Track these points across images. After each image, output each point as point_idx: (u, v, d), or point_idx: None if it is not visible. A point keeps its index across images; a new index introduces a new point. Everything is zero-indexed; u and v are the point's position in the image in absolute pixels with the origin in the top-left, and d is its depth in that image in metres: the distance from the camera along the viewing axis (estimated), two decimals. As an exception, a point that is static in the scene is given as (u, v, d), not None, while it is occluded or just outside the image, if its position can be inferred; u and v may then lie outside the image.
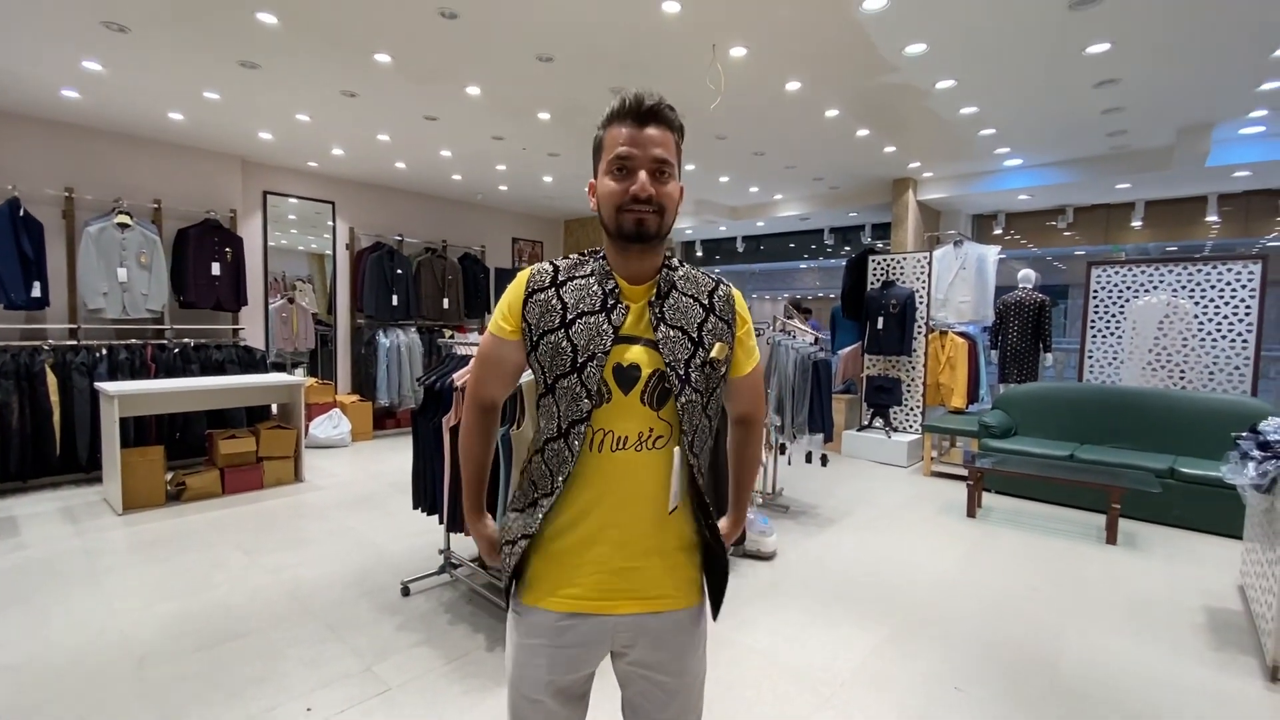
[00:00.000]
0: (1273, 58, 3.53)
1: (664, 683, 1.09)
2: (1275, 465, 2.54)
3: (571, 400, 1.00)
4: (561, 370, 1.01)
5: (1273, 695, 2.31)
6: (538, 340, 1.03)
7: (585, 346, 1.00)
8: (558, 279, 1.06)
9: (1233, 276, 5.17)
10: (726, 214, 8.46)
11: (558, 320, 1.02)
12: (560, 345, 1.01)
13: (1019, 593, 3.14)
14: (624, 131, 0.98)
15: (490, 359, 1.11)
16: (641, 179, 0.97)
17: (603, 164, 1.01)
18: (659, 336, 1.02)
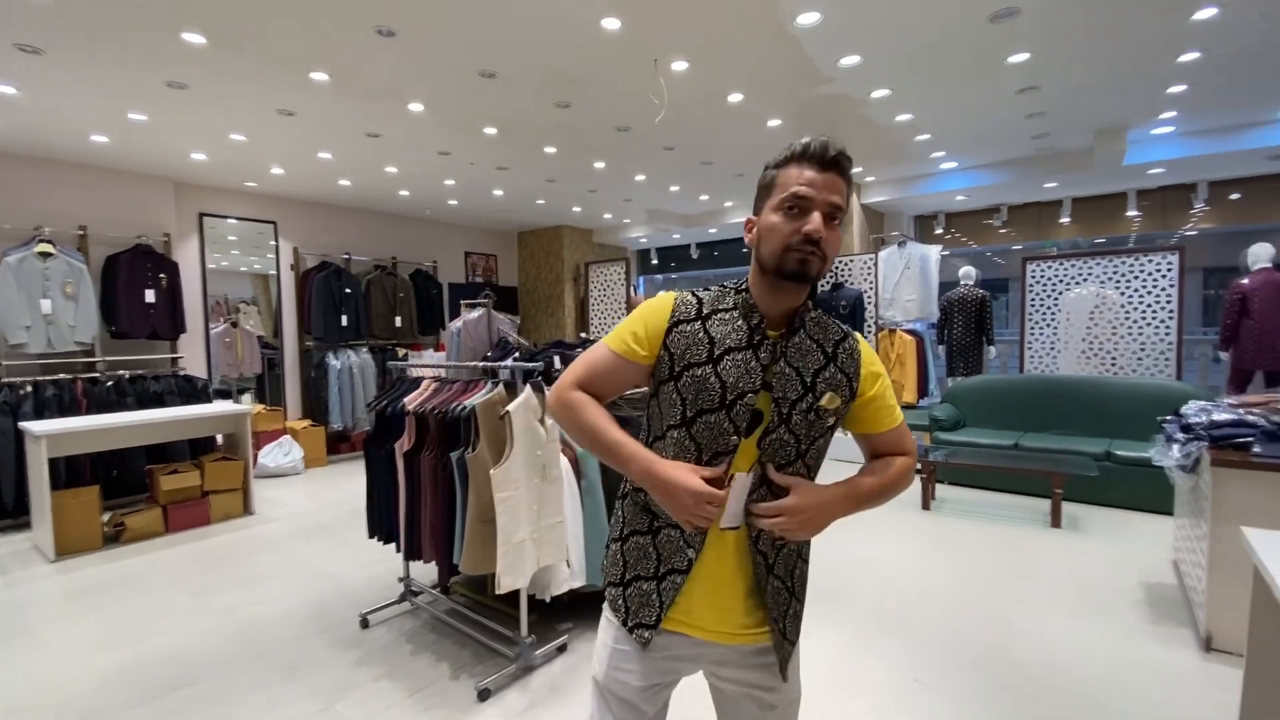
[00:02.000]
0: (1178, 63, 3.77)
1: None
2: (1197, 446, 2.70)
3: (717, 435, 1.01)
4: (709, 405, 1.01)
5: (1207, 664, 2.45)
6: (680, 371, 1.03)
7: (734, 384, 1.01)
8: (703, 311, 1.06)
9: (1154, 267, 5.50)
10: (679, 222, 8.55)
11: (705, 355, 1.02)
12: (708, 380, 1.01)
13: (973, 582, 3.26)
14: (805, 173, 0.98)
15: (607, 373, 1.09)
16: (816, 220, 0.97)
17: (773, 200, 1.01)
18: (775, 371, 1.02)
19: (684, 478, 0.97)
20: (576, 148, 5.25)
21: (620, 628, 1.10)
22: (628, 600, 1.10)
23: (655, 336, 1.06)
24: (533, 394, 2.31)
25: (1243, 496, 2.45)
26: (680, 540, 1.05)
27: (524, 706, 2.25)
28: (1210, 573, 2.52)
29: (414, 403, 2.58)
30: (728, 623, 1.07)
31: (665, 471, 0.99)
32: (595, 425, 1.06)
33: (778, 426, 1.02)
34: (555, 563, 2.42)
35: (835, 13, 3.10)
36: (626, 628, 1.09)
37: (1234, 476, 2.47)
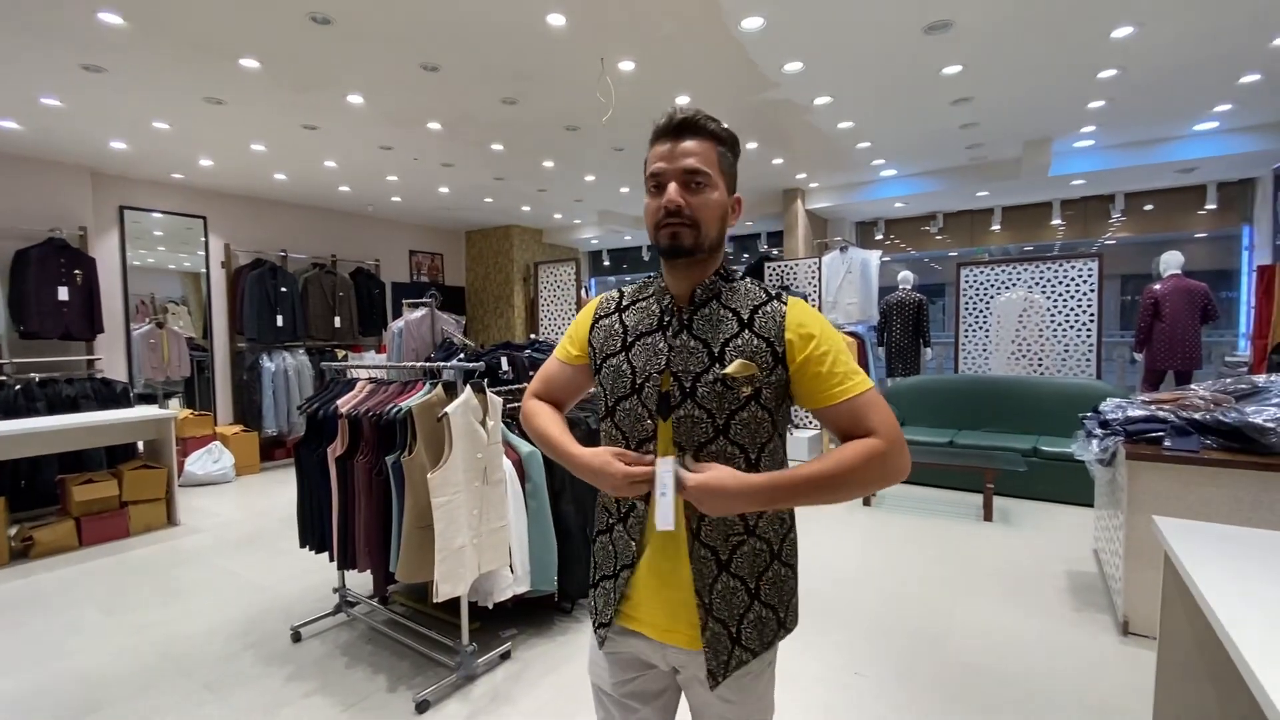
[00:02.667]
0: (1098, 79, 4.00)
1: None
2: (1114, 441, 2.86)
3: (635, 421, 1.01)
4: (622, 393, 1.02)
5: (1125, 647, 2.59)
6: (601, 364, 1.07)
7: (642, 367, 1.01)
8: (622, 304, 1.10)
9: (1076, 273, 5.82)
10: (630, 224, 8.55)
11: (619, 344, 1.05)
12: (621, 368, 1.03)
13: (911, 575, 3.36)
14: (658, 149, 0.98)
15: (554, 379, 1.15)
16: (670, 191, 0.95)
17: (646, 185, 1.00)
18: (677, 346, 0.99)
19: (593, 455, 0.98)
20: (524, 146, 5.18)
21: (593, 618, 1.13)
22: (595, 600, 1.12)
23: (582, 336, 1.11)
24: (473, 395, 2.25)
25: (1155, 487, 2.60)
26: (626, 535, 1.04)
27: (465, 716, 2.18)
28: (1126, 560, 2.67)
29: (347, 405, 2.47)
30: (681, 621, 1.01)
31: (583, 457, 1.00)
32: (541, 429, 1.10)
33: (682, 401, 0.97)
34: (498, 568, 2.37)
35: (778, 18, 3.16)
36: (594, 627, 1.12)
37: (1147, 469, 2.62)
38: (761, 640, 1.03)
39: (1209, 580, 1.32)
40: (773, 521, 1.04)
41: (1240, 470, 2.46)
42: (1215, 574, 1.35)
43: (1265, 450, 2.50)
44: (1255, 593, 1.25)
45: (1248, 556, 1.44)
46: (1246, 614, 1.16)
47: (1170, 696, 1.70)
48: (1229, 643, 1.08)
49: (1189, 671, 1.67)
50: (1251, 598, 1.23)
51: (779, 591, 1.04)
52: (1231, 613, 1.17)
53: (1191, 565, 1.41)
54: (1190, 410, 2.79)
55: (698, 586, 0.99)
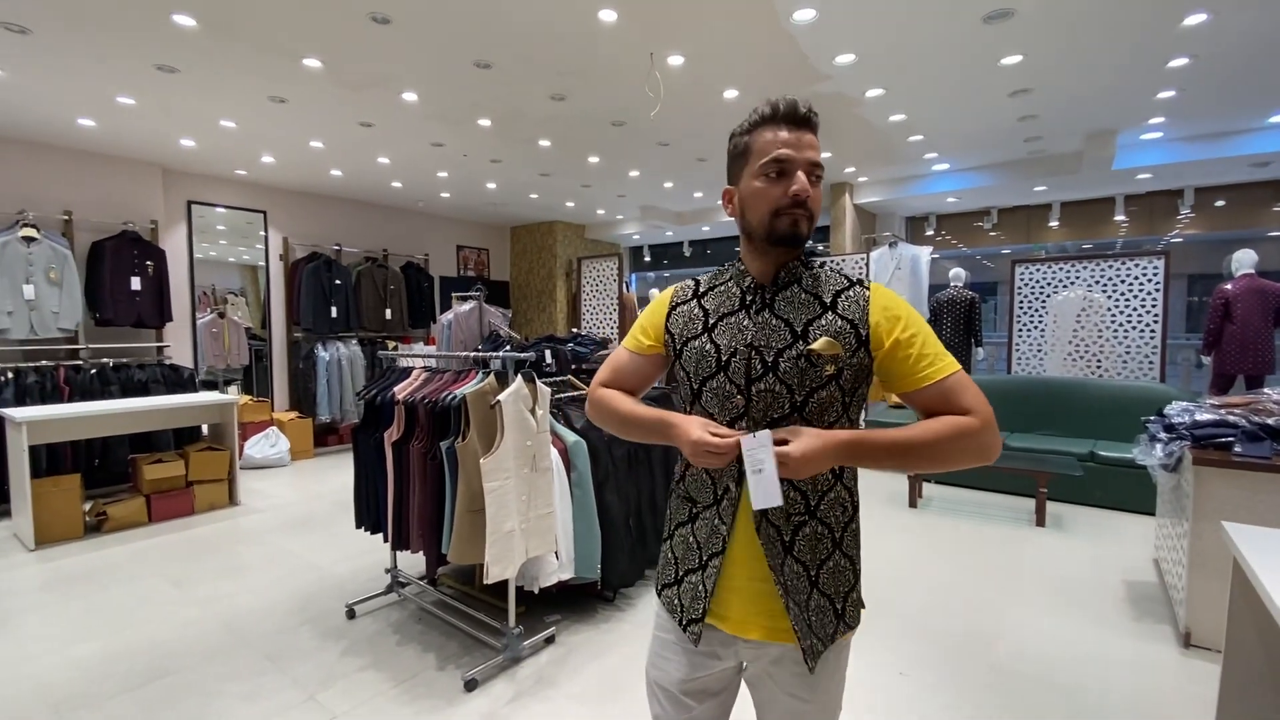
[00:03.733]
0: (1168, 68, 3.82)
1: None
2: (1180, 445, 2.74)
3: (724, 400, 1.01)
4: (708, 372, 1.03)
5: (1186, 660, 2.49)
6: (681, 348, 1.07)
7: (728, 345, 1.02)
8: (699, 290, 1.11)
9: (1140, 271, 5.57)
10: (672, 219, 8.55)
11: (700, 327, 1.06)
12: (705, 349, 1.04)
13: (959, 578, 3.28)
14: (781, 134, 0.96)
15: (626, 369, 1.15)
16: (801, 180, 0.95)
17: (752, 166, 0.99)
18: (760, 322, 1.01)
19: (695, 426, 0.97)
20: (571, 142, 5.24)
21: (672, 624, 1.09)
22: (681, 597, 1.07)
23: (658, 325, 1.12)
24: (524, 384, 2.30)
25: (1223, 494, 2.49)
26: (715, 520, 1.03)
27: (510, 697, 2.24)
28: (1190, 569, 2.56)
29: (404, 392, 2.56)
30: (760, 612, 1.01)
31: (678, 422, 1.00)
32: (623, 410, 1.10)
33: (763, 375, 0.98)
34: (544, 554, 2.42)
35: (831, 10, 3.11)
36: (682, 627, 1.06)
37: (1215, 475, 2.50)
38: (826, 629, 1.01)
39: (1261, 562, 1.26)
40: (834, 506, 1.01)
41: (1320, 479, 2.33)
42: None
43: (1349, 459, 2.37)
44: None
45: (1330, 566, 1.37)
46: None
47: (1234, 711, 1.63)
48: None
49: (1256, 684, 1.60)
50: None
51: (836, 582, 1.03)
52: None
53: (1263, 572, 1.35)
54: (1263, 415, 2.65)
55: (771, 564, 0.99)
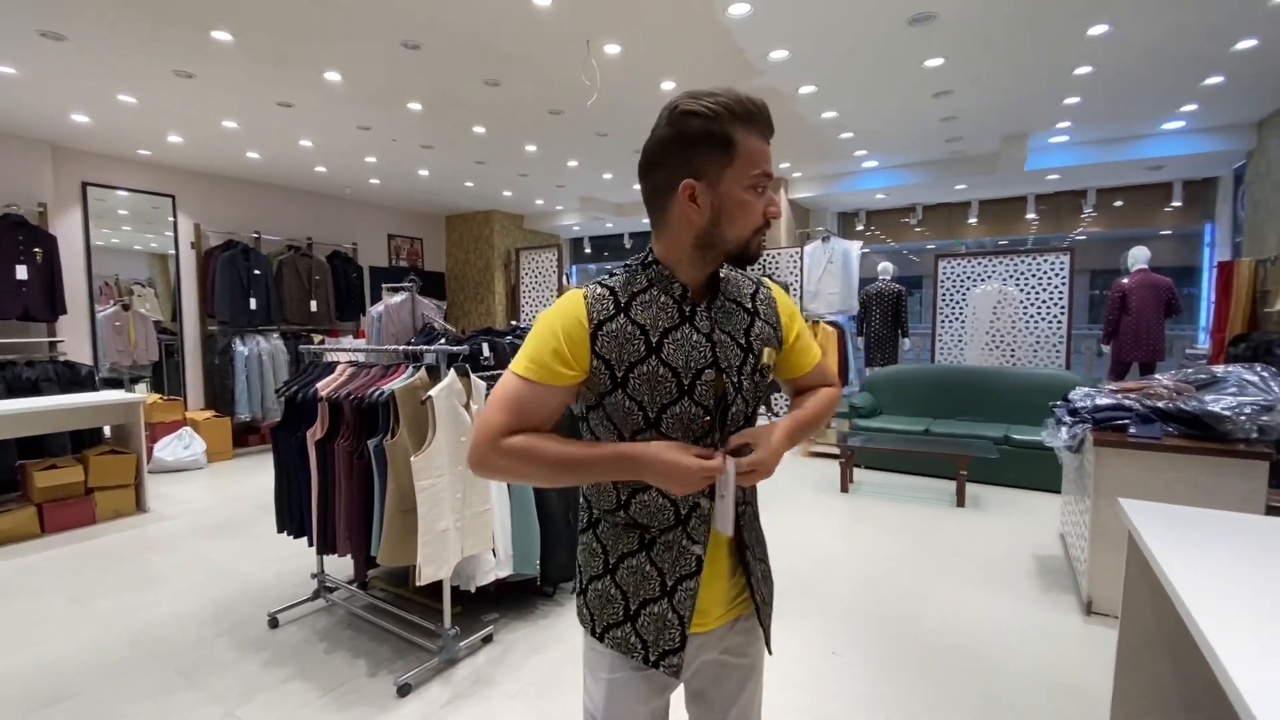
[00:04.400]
0: (1074, 75, 4.07)
1: None
2: (1082, 428, 2.95)
3: (688, 424, 0.92)
4: (667, 399, 0.91)
5: (1088, 626, 2.69)
6: (625, 376, 0.91)
7: (685, 365, 0.92)
8: (620, 302, 0.93)
9: (1048, 266, 5.95)
10: (612, 211, 8.51)
11: (643, 347, 0.91)
12: (658, 372, 0.91)
13: (887, 559, 3.44)
14: (764, 146, 0.90)
15: (534, 407, 0.91)
16: (776, 200, 0.91)
17: (738, 173, 0.88)
18: (716, 341, 0.94)
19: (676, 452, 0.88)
20: (507, 129, 5.11)
21: (627, 664, 0.99)
22: (641, 632, 0.97)
23: (581, 347, 0.91)
24: (457, 379, 2.23)
25: (1120, 472, 2.69)
26: (683, 540, 0.96)
27: (446, 700, 2.19)
28: (1091, 542, 2.76)
29: (328, 388, 2.43)
30: (723, 604, 1.03)
31: (654, 452, 0.88)
32: (555, 454, 0.89)
33: (735, 399, 0.95)
34: (480, 552, 2.36)
35: (764, 5, 3.15)
36: (650, 664, 0.97)
37: (1113, 455, 2.71)
38: (770, 591, 1.12)
39: (1170, 558, 1.37)
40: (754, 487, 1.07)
41: (1199, 456, 2.56)
42: (1176, 553, 1.40)
43: (1222, 437, 2.61)
44: (1215, 571, 1.31)
45: (1207, 536, 1.50)
46: (1206, 591, 1.21)
47: (1130, 671, 1.77)
48: (1188, 617, 1.13)
49: (1149, 647, 1.74)
50: (1210, 575, 1.29)
51: (764, 547, 1.13)
52: (1191, 589, 1.22)
53: (1154, 544, 1.46)
54: (1154, 399, 2.89)
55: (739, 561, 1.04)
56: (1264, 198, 4.86)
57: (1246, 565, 1.34)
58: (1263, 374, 2.73)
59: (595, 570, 1.00)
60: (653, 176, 0.92)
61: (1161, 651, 1.72)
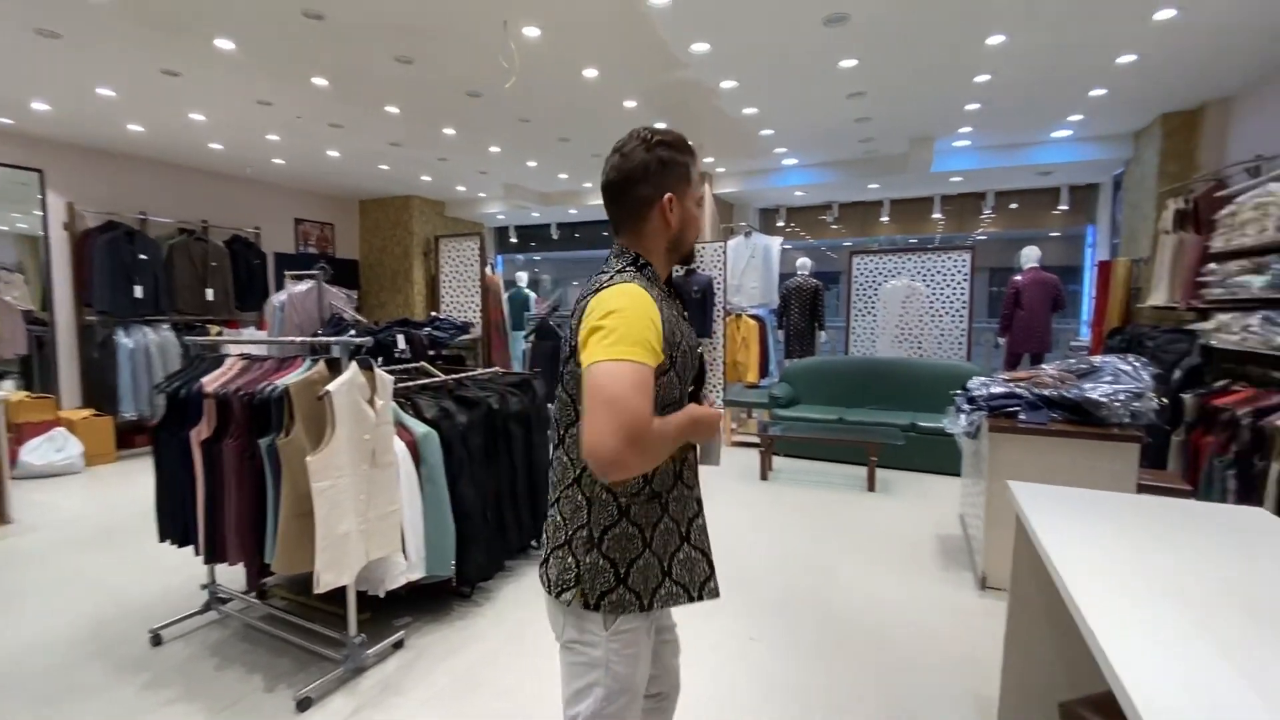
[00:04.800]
0: (975, 82, 4.31)
1: None
2: (979, 416, 3.14)
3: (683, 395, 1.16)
4: (694, 372, 1.19)
5: (983, 600, 2.88)
6: (673, 356, 1.09)
7: (691, 346, 1.17)
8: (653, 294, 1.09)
9: (952, 264, 6.33)
10: (537, 200, 8.35)
11: (677, 332, 1.12)
12: (687, 351, 1.14)
13: (803, 544, 3.56)
14: (699, 174, 1.20)
15: (651, 389, 1.00)
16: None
17: (694, 196, 1.19)
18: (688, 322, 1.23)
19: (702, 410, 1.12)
20: (422, 110, 4.89)
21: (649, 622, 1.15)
22: (680, 579, 1.16)
23: (658, 332, 1.04)
24: (360, 373, 2.10)
25: (1012, 456, 2.89)
26: (682, 490, 1.18)
27: (350, 711, 2.07)
28: (986, 521, 2.95)
29: (214, 384, 2.24)
30: None
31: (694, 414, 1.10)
32: (671, 428, 1.05)
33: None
34: (389, 554, 2.25)
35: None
36: (699, 598, 1.17)
37: (1006, 440, 2.90)
38: None
39: (1050, 535, 1.47)
40: None
41: (1079, 440, 2.78)
42: (1055, 530, 1.51)
43: (1099, 422, 2.84)
44: (1088, 544, 1.42)
45: (1082, 514, 1.63)
46: (1080, 563, 1.31)
47: (1018, 639, 1.90)
48: (1063, 587, 1.22)
49: (1033, 617, 1.87)
50: (1084, 547, 1.40)
51: None
52: (1066, 561, 1.32)
53: (1037, 522, 1.57)
54: (1041, 387, 3.11)
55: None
56: (1139, 203, 5.35)
57: (1114, 538, 1.46)
58: (1134, 364, 2.99)
59: (636, 551, 1.12)
60: (635, 191, 1.13)
61: (1043, 617, 1.85)
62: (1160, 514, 1.64)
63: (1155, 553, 1.38)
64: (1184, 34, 3.50)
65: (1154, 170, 4.98)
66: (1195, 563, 1.33)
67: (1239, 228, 3.19)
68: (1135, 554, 1.37)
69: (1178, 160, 4.84)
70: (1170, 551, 1.39)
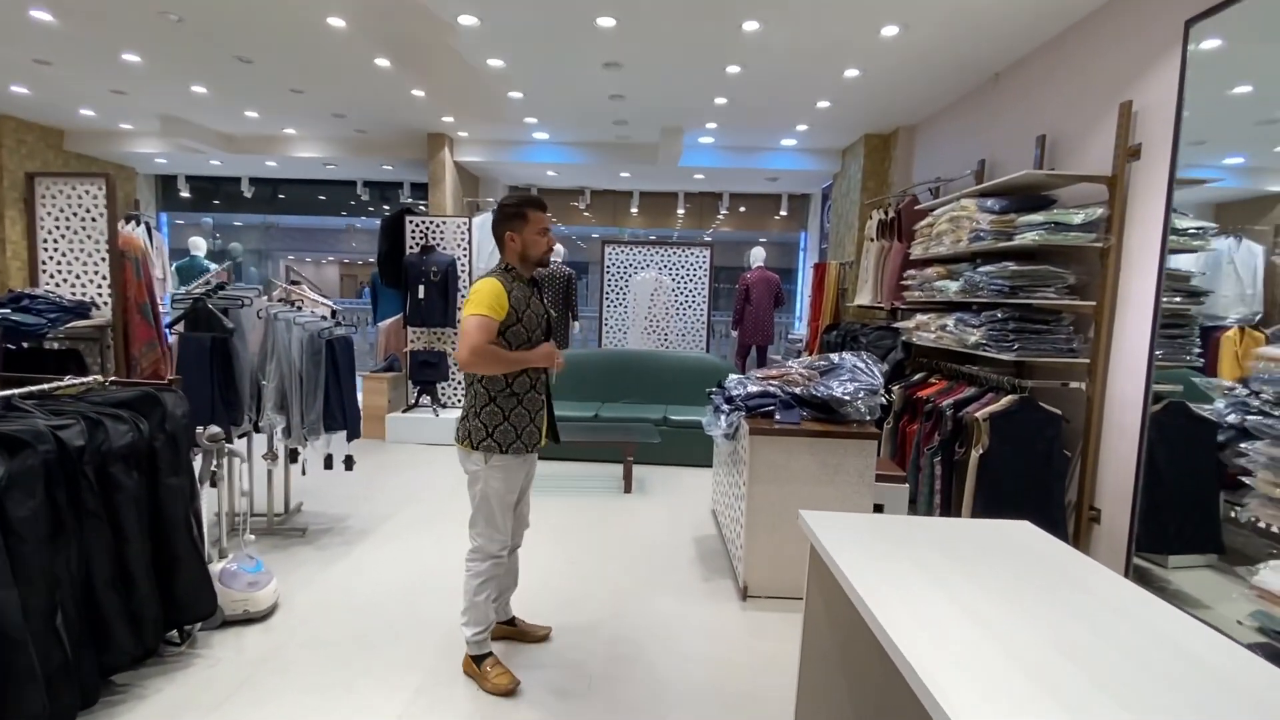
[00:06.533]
0: (727, 72, 4.25)
1: None
2: (737, 416, 3.00)
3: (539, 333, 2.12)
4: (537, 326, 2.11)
5: (745, 613, 2.72)
6: (521, 314, 2.05)
7: (541, 313, 2.14)
8: (509, 287, 2.04)
9: (693, 259, 6.52)
10: (218, 142, 6.45)
11: (525, 304, 2.07)
12: (533, 317, 2.10)
13: (556, 559, 3.16)
14: (541, 214, 2.09)
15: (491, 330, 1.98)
16: (553, 238, 2.19)
17: (533, 228, 2.08)
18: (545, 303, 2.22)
19: (547, 349, 2.11)
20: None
21: (518, 459, 2.12)
22: (525, 442, 2.11)
23: (504, 301, 2.00)
24: None
25: (770, 459, 2.78)
26: (533, 393, 2.13)
27: None
28: (747, 529, 2.81)
29: None
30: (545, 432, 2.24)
31: (539, 350, 2.09)
32: (506, 355, 2.01)
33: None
34: None
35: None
36: (529, 451, 2.14)
37: (764, 442, 2.78)
38: None
39: (850, 564, 1.38)
40: None
41: (828, 439, 2.77)
42: (854, 560, 1.40)
43: (843, 418, 2.89)
44: (885, 572, 1.34)
45: (877, 542, 1.41)
46: (881, 591, 1.23)
47: (812, 661, 1.67)
48: (864, 607, 1.18)
49: (827, 645, 1.65)
50: (883, 576, 1.32)
51: None
52: (869, 589, 1.20)
53: (832, 549, 1.40)
54: (792, 385, 3.10)
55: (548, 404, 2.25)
56: (844, 212, 6.04)
57: (909, 564, 1.38)
58: (866, 360, 3.12)
59: (497, 420, 2.06)
60: (497, 231, 2.11)
61: (837, 648, 1.65)
62: (952, 538, 1.49)
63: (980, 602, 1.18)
64: (900, 54, 3.83)
65: (858, 184, 5.64)
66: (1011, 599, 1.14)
67: (936, 238, 3.60)
68: (931, 575, 1.16)
69: (875, 177, 5.54)
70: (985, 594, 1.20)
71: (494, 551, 2.13)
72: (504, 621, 2.40)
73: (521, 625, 2.46)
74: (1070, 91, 3.21)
